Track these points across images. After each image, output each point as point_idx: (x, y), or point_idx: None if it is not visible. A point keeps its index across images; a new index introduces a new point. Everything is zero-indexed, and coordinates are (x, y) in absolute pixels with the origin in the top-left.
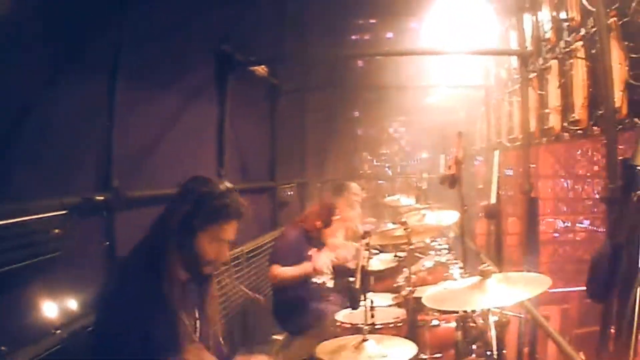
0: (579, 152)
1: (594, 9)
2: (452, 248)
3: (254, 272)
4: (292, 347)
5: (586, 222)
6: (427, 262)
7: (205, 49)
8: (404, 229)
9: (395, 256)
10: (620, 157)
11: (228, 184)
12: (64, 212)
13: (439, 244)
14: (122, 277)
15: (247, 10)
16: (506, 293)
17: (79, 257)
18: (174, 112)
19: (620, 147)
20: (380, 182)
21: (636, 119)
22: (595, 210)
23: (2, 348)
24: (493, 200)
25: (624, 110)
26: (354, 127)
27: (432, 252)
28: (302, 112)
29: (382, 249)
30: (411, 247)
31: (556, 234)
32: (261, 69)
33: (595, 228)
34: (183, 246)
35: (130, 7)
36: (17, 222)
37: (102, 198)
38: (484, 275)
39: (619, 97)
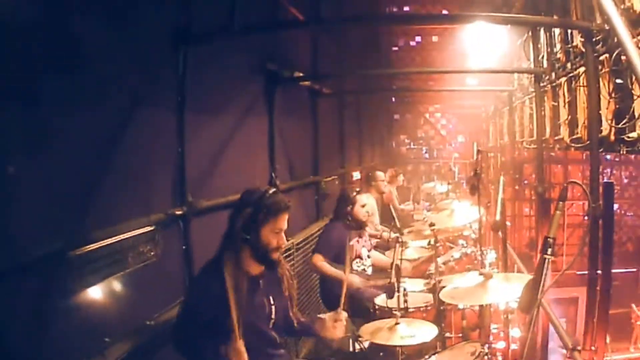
0: None
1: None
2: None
3: (303, 260)
4: None
5: (615, 206)
6: (455, 254)
7: (252, 68)
8: (431, 230)
9: (429, 244)
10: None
11: (272, 187)
12: (151, 228)
13: (467, 233)
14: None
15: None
16: (504, 291)
17: (163, 260)
18: (231, 127)
19: None
20: (417, 164)
21: (621, 145)
22: (625, 195)
23: (106, 339)
24: (498, 217)
25: (612, 137)
26: (390, 113)
27: (462, 242)
28: (340, 108)
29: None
30: (437, 244)
31: (586, 217)
32: None
33: (623, 212)
34: (251, 241)
35: (192, 41)
36: (112, 242)
37: (180, 212)
38: (486, 276)
39: (606, 125)
